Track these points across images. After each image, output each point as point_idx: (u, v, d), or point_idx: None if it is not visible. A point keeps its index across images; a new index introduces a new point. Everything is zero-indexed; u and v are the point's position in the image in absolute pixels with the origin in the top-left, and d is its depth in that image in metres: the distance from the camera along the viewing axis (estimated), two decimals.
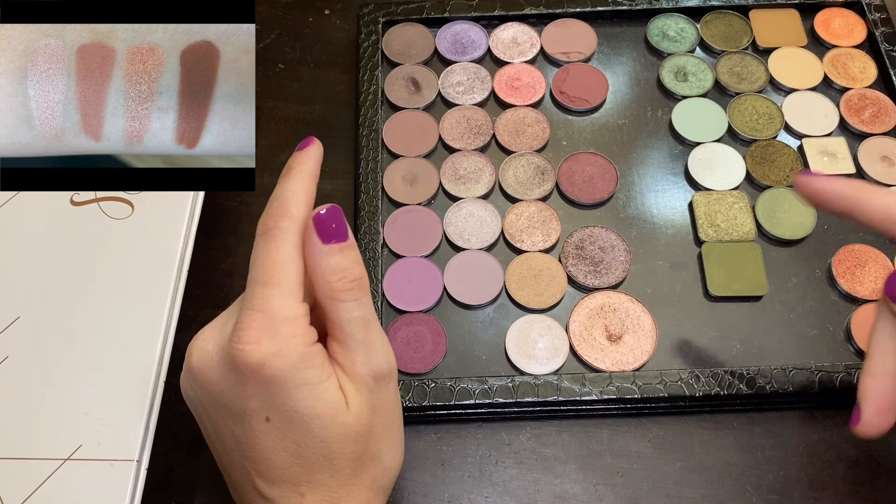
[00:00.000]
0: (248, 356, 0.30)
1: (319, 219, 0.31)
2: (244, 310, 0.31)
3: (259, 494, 0.32)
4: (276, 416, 0.31)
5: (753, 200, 0.48)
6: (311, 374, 0.31)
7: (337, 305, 0.31)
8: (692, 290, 0.46)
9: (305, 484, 0.32)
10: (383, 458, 0.34)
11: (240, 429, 0.32)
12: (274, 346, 0.30)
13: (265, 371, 0.30)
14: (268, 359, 0.30)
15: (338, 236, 0.31)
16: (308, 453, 0.31)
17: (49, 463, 0.37)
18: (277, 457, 0.32)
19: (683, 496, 0.41)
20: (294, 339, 0.31)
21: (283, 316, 0.31)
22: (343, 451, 0.32)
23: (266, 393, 0.31)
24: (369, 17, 0.55)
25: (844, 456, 0.42)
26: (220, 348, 0.31)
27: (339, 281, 0.31)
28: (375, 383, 0.32)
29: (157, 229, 0.44)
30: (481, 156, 0.50)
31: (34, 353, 0.40)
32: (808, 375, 0.42)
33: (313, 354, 0.31)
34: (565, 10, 0.55)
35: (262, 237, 0.32)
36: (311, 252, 0.31)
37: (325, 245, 0.31)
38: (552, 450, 0.42)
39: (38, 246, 0.43)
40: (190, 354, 0.33)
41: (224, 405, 0.32)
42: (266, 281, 0.31)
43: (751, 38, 0.54)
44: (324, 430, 0.31)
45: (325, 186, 0.50)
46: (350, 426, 0.31)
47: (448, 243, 0.47)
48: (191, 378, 0.33)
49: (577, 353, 0.44)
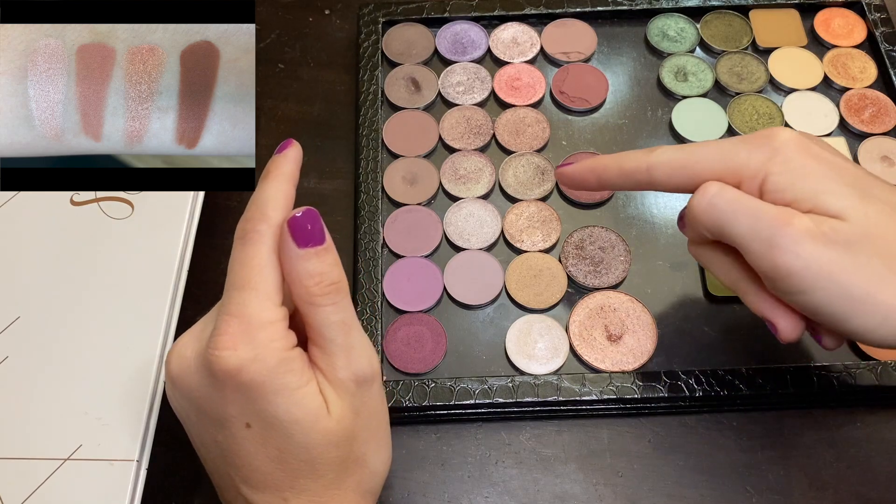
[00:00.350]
0: (224, 362, 0.30)
1: (295, 222, 0.31)
2: (221, 315, 0.31)
3: (244, 500, 0.32)
4: (256, 421, 0.31)
5: None
6: (290, 378, 0.30)
7: (315, 310, 0.31)
8: (692, 290, 0.46)
9: (289, 489, 0.32)
10: (369, 461, 0.34)
11: (221, 435, 0.32)
12: (251, 351, 0.30)
13: (243, 377, 0.30)
14: (245, 364, 0.30)
15: (314, 240, 0.31)
16: (290, 459, 0.31)
17: (49, 463, 0.37)
18: (259, 463, 0.31)
19: (683, 496, 0.41)
20: (272, 343, 0.30)
21: (260, 321, 0.30)
22: (325, 456, 0.31)
23: (245, 399, 0.30)
24: (369, 17, 0.55)
25: (844, 456, 0.42)
26: (198, 354, 0.31)
27: (316, 286, 0.31)
28: (357, 387, 0.32)
29: (157, 229, 0.44)
30: (481, 156, 0.50)
31: (34, 353, 0.40)
32: (808, 375, 0.42)
33: (292, 359, 0.31)
34: (565, 10, 0.55)
35: (239, 241, 0.32)
36: (287, 256, 0.31)
37: (301, 249, 0.31)
38: (552, 450, 0.42)
39: (38, 246, 0.43)
40: (168, 362, 0.32)
41: (204, 412, 0.32)
42: (243, 285, 0.31)
43: (751, 38, 0.54)
44: (304, 435, 0.31)
45: (325, 186, 0.50)
46: (331, 431, 0.31)
47: (448, 243, 0.47)
48: (171, 385, 0.33)
49: (577, 353, 0.44)
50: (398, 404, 0.42)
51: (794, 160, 0.34)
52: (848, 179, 0.33)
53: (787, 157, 0.34)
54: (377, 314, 0.44)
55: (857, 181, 0.34)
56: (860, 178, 0.34)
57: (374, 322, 0.44)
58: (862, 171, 0.35)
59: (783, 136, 0.35)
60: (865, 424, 0.43)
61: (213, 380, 0.30)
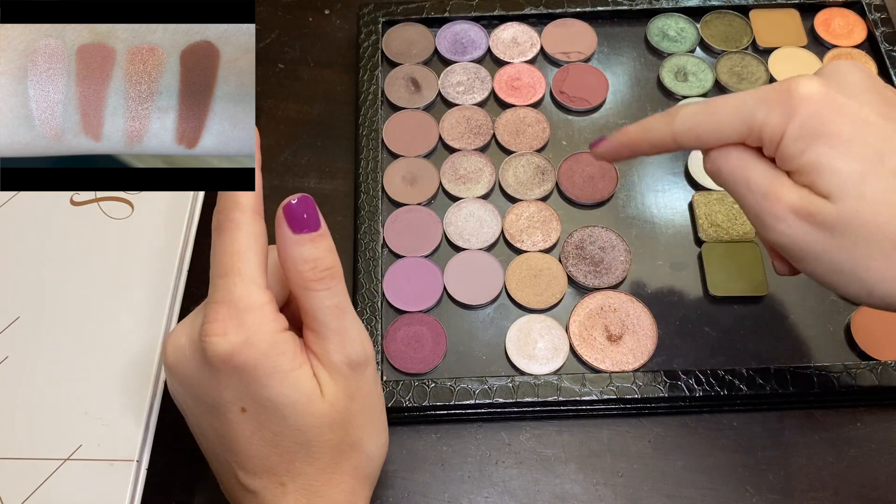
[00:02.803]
0: (216, 347, 0.30)
1: (290, 208, 0.31)
2: (209, 304, 0.31)
3: (242, 487, 0.33)
4: (250, 405, 0.31)
5: None
6: (282, 361, 0.31)
7: (309, 295, 0.31)
8: (692, 290, 0.46)
9: (286, 473, 0.32)
10: (365, 445, 0.34)
11: (218, 421, 0.32)
12: (241, 335, 0.30)
13: (235, 361, 0.30)
14: (236, 349, 0.30)
15: (309, 226, 0.31)
16: (285, 442, 0.31)
17: (49, 463, 0.37)
18: (256, 447, 0.32)
19: (683, 496, 0.41)
20: (262, 326, 0.31)
21: (247, 304, 0.31)
22: (320, 438, 0.32)
23: (239, 383, 0.31)
24: (369, 17, 0.55)
25: (844, 456, 0.42)
26: (192, 342, 0.32)
27: (311, 271, 0.31)
28: (351, 370, 0.32)
29: (157, 229, 0.44)
30: (481, 156, 0.50)
31: (34, 353, 0.40)
32: (808, 375, 0.42)
33: (284, 341, 0.31)
34: (565, 10, 0.55)
35: (216, 231, 0.32)
36: (282, 242, 0.31)
37: (296, 235, 0.31)
38: (552, 450, 0.42)
39: (38, 246, 0.43)
40: (165, 351, 0.33)
41: (200, 399, 0.32)
42: (225, 273, 0.31)
43: (751, 37, 0.54)
44: (298, 417, 0.31)
45: (325, 186, 0.50)
46: (325, 414, 0.31)
47: (448, 243, 0.47)
48: (168, 374, 0.33)
49: (577, 354, 0.44)
50: (398, 404, 0.42)
51: (809, 123, 0.32)
52: (865, 146, 0.32)
53: (803, 119, 0.32)
54: (377, 314, 0.44)
55: (875, 146, 0.32)
56: (883, 142, 0.32)
57: (374, 322, 0.44)
58: (892, 130, 0.32)
59: (803, 90, 0.32)
60: (865, 424, 0.43)
61: (207, 366, 0.31)
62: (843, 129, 0.32)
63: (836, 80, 0.33)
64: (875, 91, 0.33)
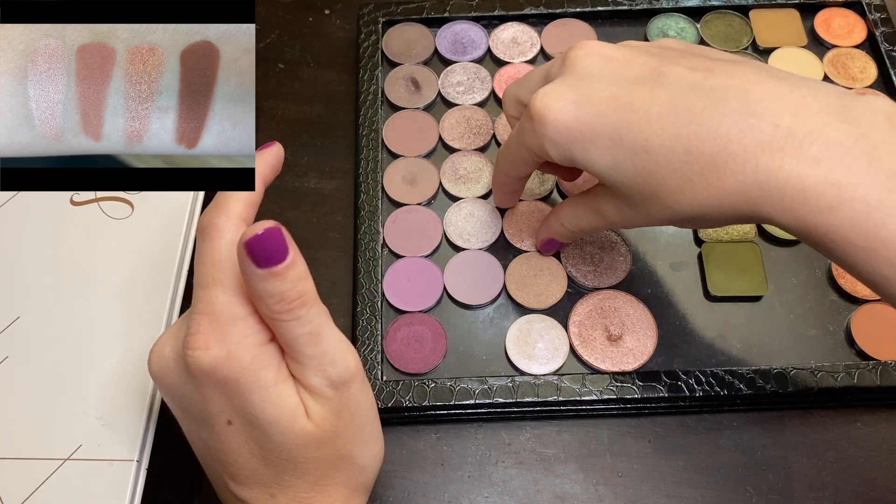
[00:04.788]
0: (198, 361, 0.30)
1: (252, 242, 0.28)
2: (192, 314, 0.31)
3: (234, 496, 0.32)
4: (235, 419, 0.31)
5: None
6: (265, 375, 0.30)
7: (280, 325, 0.30)
8: (692, 290, 0.46)
9: (276, 486, 0.32)
10: (356, 457, 0.33)
11: (206, 433, 0.32)
12: (224, 348, 0.30)
13: (218, 375, 0.30)
14: (219, 363, 0.30)
15: (274, 259, 0.29)
16: (272, 457, 0.31)
17: (49, 463, 0.37)
18: (244, 459, 0.31)
19: (683, 496, 0.41)
20: (244, 339, 0.30)
21: (229, 316, 0.30)
22: (306, 456, 0.31)
23: (223, 396, 0.30)
24: (369, 17, 0.55)
25: (844, 456, 0.42)
26: (176, 353, 0.31)
27: (278, 304, 0.29)
28: (334, 391, 0.31)
29: (157, 229, 0.44)
30: (481, 156, 0.50)
31: (34, 353, 0.40)
32: (808, 375, 0.42)
33: (267, 354, 0.30)
34: (565, 10, 0.55)
35: (199, 235, 0.32)
36: (246, 275, 0.29)
37: (261, 270, 0.29)
38: (552, 450, 0.42)
39: (38, 246, 0.43)
40: (150, 361, 0.32)
41: (187, 410, 0.32)
42: (207, 282, 0.30)
43: (751, 38, 0.54)
44: (281, 435, 0.31)
45: (325, 186, 0.50)
46: (310, 433, 0.31)
47: (448, 243, 0.47)
48: (156, 384, 0.33)
49: (577, 354, 0.44)
50: (398, 404, 0.42)
51: (553, 138, 0.36)
52: (604, 132, 0.35)
53: (548, 140, 0.36)
54: (377, 314, 0.44)
55: (616, 128, 0.34)
56: (617, 124, 0.34)
57: (374, 322, 0.44)
58: (623, 115, 0.34)
59: (535, 115, 0.36)
60: (865, 424, 0.43)
61: (191, 378, 0.30)
62: (578, 133, 0.35)
63: (571, 75, 0.36)
64: (610, 65, 0.36)
